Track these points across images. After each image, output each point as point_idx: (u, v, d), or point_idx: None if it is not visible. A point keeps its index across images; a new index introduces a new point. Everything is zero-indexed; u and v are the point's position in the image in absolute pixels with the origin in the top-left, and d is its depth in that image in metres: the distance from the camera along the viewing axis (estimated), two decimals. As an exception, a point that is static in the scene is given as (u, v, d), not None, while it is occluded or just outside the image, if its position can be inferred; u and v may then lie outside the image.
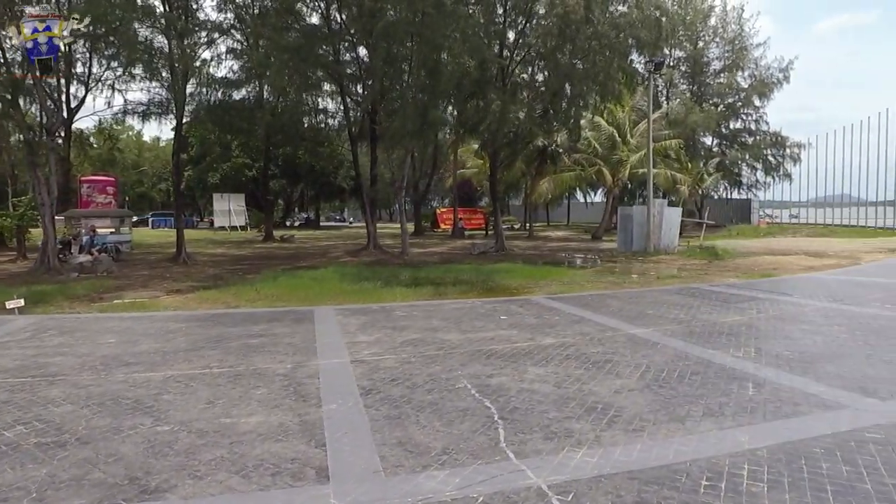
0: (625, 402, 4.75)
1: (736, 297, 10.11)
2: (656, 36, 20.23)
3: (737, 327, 7.52)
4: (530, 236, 33.48)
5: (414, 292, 11.62)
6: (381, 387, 5.25)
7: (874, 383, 5.12)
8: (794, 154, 41.41)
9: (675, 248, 20.97)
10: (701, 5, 41.80)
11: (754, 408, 4.55)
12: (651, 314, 8.59)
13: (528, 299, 10.29)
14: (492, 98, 19.51)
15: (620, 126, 30.16)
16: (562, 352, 6.40)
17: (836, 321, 7.85)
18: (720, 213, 44.02)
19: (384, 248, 23.09)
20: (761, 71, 41.16)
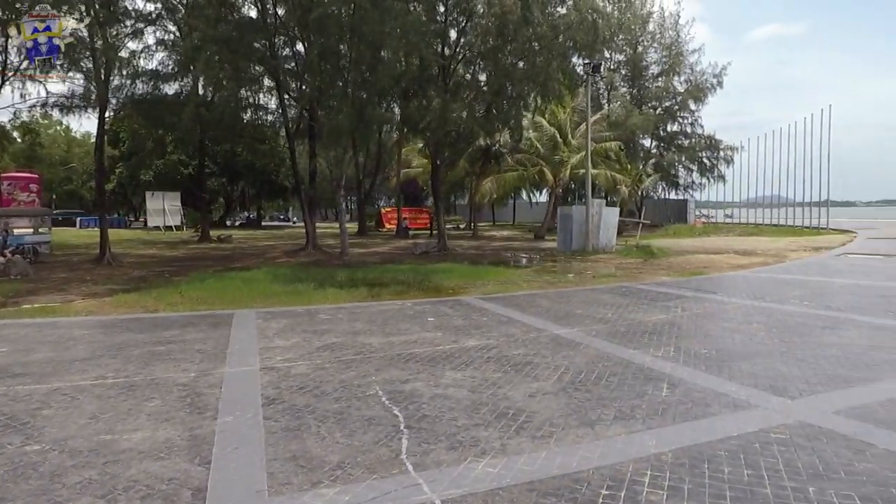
0: (538, 406, 4.60)
1: (664, 295, 10.23)
2: (593, 38, 20.46)
3: (660, 326, 7.54)
4: (474, 236, 33.50)
5: (347, 294, 11.28)
6: (287, 396, 4.94)
7: (785, 381, 5.15)
8: (727, 156, 42.94)
9: (613, 248, 21.31)
10: (640, 11, 42.89)
11: (665, 409, 4.48)
12: (579, 314, 8.55)
13: (460, 300, 10.12)
14: (432, 97, 19.31)
15: (562, 127, 30.53)
16: (483, 354, 6.23)
17: (755, 319, 7.99)
18: (658, 213, 45.23)
19: (324, 248, 22.60)
20: (696, 76, 42.53)
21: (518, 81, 20.78)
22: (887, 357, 5.85)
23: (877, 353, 6.02)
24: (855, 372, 5.38)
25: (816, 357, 5.90)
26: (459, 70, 23.11)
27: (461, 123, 21.65)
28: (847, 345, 6.38)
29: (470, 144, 27.38)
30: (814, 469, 3.45)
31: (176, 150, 36.92)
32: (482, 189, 30.49)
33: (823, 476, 3.36)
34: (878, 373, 5.35)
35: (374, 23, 16.31)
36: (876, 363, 5.65)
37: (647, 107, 42.34)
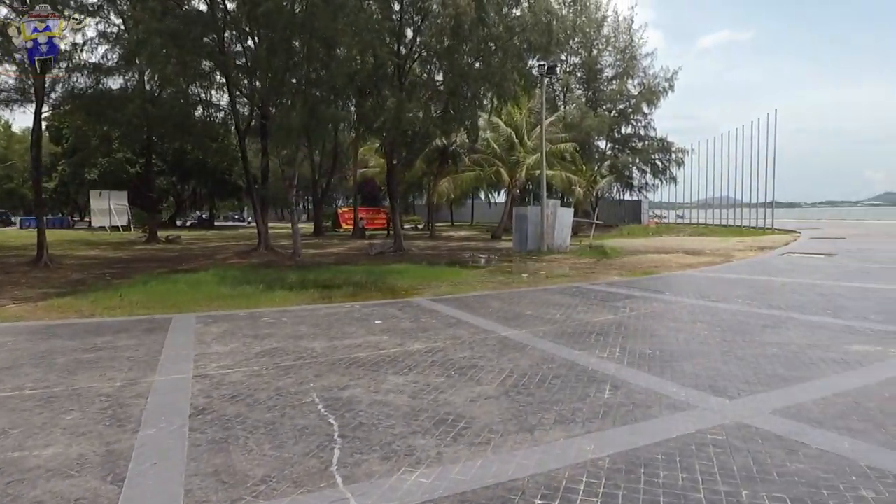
0: (478, 411, 4.49)
1: (613, 295, 10.30)
2: (547, 40, 20.60)
3: (607, 327, 7.55)
4: (432, 236, 33.40)
5: (297, 296, 11.01)
6: (217, 405, 4.70)
7: (725, 381, 5.18)
8: (678, 158, 43.99)
9: (568, 248, 21.50)
10: (595, 14, 43.55)
11: (606, 412, 4.43)
12: (529, 315, 8.51)
13: (410, 302, 9.96)
14: (387, 96, 19.10)
15: (518, 128, 30.70)
16: (428, 358, 6.10)
17: (700, 318, 8.09)
18: (613, 213, 46.05)
19: (277, 249, 22.12)
20: (649, 80, 43.43)
21: (474, 81, 20.76)
22: (823, 355, 5.97)
23: (813, 351, 6.13)
24: (792, 371, 5.46)
25: (756, 356, 5.98)
26: (416, 69, 22.97)
27: (417, 123, 21.49)
28: (786, 344, 6.49)
29: (426, 144, 27.25)
30: (747, 471, 3.43)
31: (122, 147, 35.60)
32: (439, 189, 30.40)
33: (757, 478, 3.34)
34: (814, 371, 5.44)
35: (327, 19, 16.01)
36: (812, 361, 5.75)
37: (601, 109, 43.01)
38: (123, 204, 37.97)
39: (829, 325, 7.45)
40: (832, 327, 7.29)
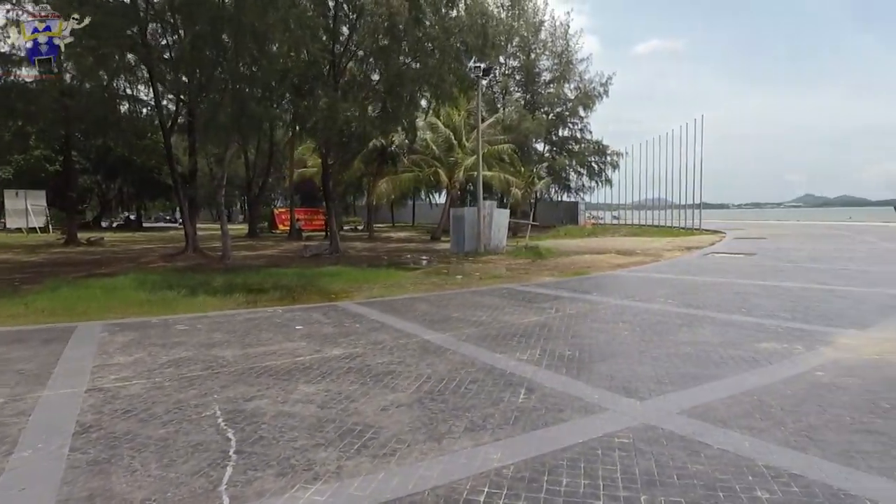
0: (388, 421, 4.33)
1: (542, 296, 10.35)
2: (483, 42, 20.69)
3: (531, 328, 7.54)
4: (371, 237, 33.03)
5: (220, 301, 10.55)
6: (106, 422, 4.36)
7: (638, 382, 5.22)
8: (613, 161, 45.26)
9: (504, 249, 21.64)
10: (532, 19, 44.23)
11: (518, 418, 4.36)
12: (455, 317, 8.41)
13: (336, 305, 9.71)
14: (320, 95, 18.67)
15: (457, 129, 30.74)
16: (345, 364, 5.89)
17: (622, 318, 8.21)
18: (551, 214, 46.87)
19: (206, 251, 21.30)
20: (585, 84, 44.50)
21: (411, 82, 20.60)
22: (734, 353, 6.12)
23: (725, 349, 6.29)
24: (704, 369, 5.56)
25: (671, 356, 6.07)
26: (353, 68, 22.62)
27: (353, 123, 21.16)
28: (700, 342, 6.64)
29: (364, 145, 26.88)
30: (649, 475, 3.41)
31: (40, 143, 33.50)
32: (378, 190, 30.06)
33: (657, 482, 3.32)
34: (724, 370, 5.56)
35: (256, 14, 15.49)
36: (724, 360, 5.89)
37: (540, 112, 43.72)
38: (41, 204, 35.74)
39: (741, 323, 7.69)
40: (745, 325, 7.52)
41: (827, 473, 3.39)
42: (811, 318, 7.91)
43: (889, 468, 3.46)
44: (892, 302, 9.05)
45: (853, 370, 5.45)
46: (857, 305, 8.81)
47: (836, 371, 5.42)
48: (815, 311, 8.41)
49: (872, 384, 5.03)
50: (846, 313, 8.23)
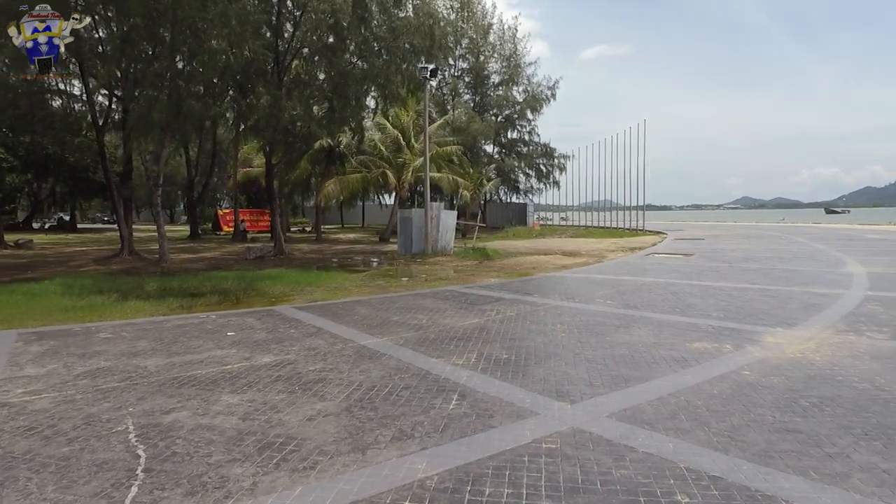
0: (312, 432, 4.16)
1: (484, 298, 10.33)
2: (430, 43, 20.59)
3: (470, 331, 7.48)
4: (318, 239, 32.50)
5: (152, 306, 10.10)
6: (5, 441, 4.03)
7: (571, 385, 5.21)
8: (560, 164, 46.04)
9: (452, 250, 21.63)
10: (481, 22, 44.53)
11: (447, 425, 4.27)
12: (395, 321, 8.27)
13: (274, 310, 9.41)
14: (261, 92, 18.18)
15: (406, 130, 30.58)
16: (274, 372, 5.68)
17: (561, 319, 8.25)
18: (500, 215, 47.29)
19: (143, 254, 20.48)
20: (533, 87, 45.14)
21: (355, 82, 20.33)
22: (666, 353, 6.21)
23: (658, 350, 6.38)
24: (635, 371, 5.61)
25: (605, 357, 6.11)
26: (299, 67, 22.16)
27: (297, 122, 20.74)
28: (635, 343, 6.72)
29: (310, 144, 26.40)
30: (573, 482, 3.37)
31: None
32: (325, 190, 29.55)
33: (580, 489, 3.28)
34: (655, 371, 5.62)
35: (194, 8, 14.94)
36: (655, 360, 5.96)
37: (489, 114, 44.06)
38: (-36, 204, 33.61)
39: (675, 323, 7.84)
40: (678, 325, 7.67)
41: (746, 475, 3.43)
42: (741, 318, 8.14)
43: (805, 467, 3.52)
44: (817, 300, 9.42)
45: (777, 369, 5.60)
46: (784, 304, 9.13)
47: (762, 370, 5.56)
48: (746, 311, 8.66)
49: (795, 382, 5.17)
50: (774, 312, 8.51)
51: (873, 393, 4.85)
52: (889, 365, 5.67)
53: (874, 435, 3.98)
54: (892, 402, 4.64)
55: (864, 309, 8.62)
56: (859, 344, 6.52)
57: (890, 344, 6.51)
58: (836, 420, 4.27)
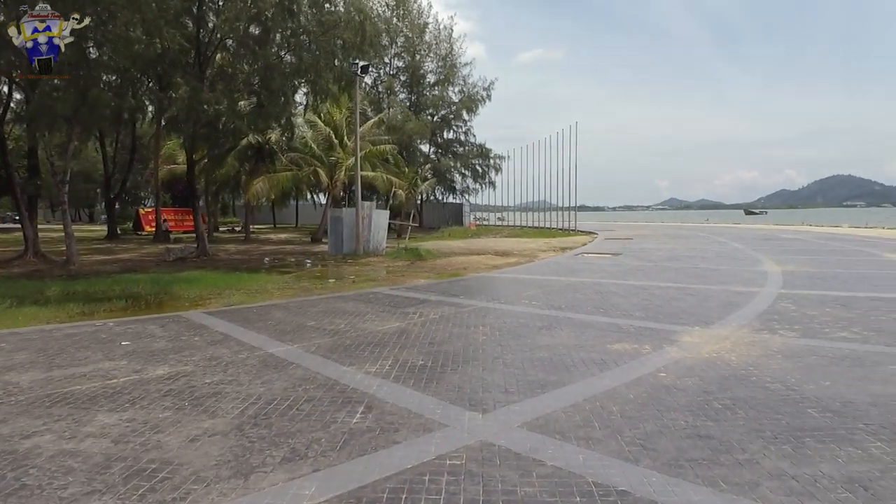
0: (192, 455, 3.72)
1: (409, 300, 10.01)
2: (361, 39, 20.10)
3: (389, 336, 7.15)
4: (247, 239, 31.33)
5: (50, 312, 9.26)
6: None
7: (486, 392, 4.96)
8: (496, 164, 46.34)
9: (384, 250, 21.21)
10: (417, 20, 44.22)
11: (347, 442, 3.92)
12: (310, 326, 7.83)
13: (181, 316, 8.76)
14: (178, 83, 17.20)
15: (338, 128, 29.86)
16: (165, 386, 5.16)
17: (485, 321, 8.03)
18: (437, 215, 47.17)
19: (50, 255, 19.01)
20: (469, 88, 45.22)
21: (284, 76, 19.62)
22: (586, 356, 6.08)
23: (578, 352, 6.24)
24: (553, 375, 5.43)
25: (524, 361, 5.91)
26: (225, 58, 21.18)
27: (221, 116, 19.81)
28: (556, 345, 6.56)
29: (236, 141, 25.37)
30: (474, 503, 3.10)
31: None
32: (254, 189, 28.44)
33: (480, 512, 3.02)
34: (573, 375, 5.46)
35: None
36: (575, 364, 5.81)
37: (425, 114, 43.81)
38: None
39: (598, 323, 7.77)
40: (600, 326, 7.60)
41: (655, 487, 3.25)
42: (662, 317, 8.17)
43: (715, 477, 3.39)
44: (734, 299, 9.62)
45: (693, 369, 5.55)
46: (703, 303, 9.27)
47: (678, 371, 5.50)
48: (666, 310, 8.72)
49: (709, 384, 5.12)
50: (693, 311, 8.60)
51: (784, 393, 4.84)
52: (800, 364, 5.73)
53: (784, 438, 3.91)
54: (801, 402, 4.63)
55: (777, 307, 8.84)
56: (772, 342, 6.61)
57: (801, 342, 6.62)
58: (747, 423, 4.20)
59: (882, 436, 3.94)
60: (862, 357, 5.94)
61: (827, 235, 28.34)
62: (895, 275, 12.84)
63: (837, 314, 8.22)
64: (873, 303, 9.14)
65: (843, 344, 6.49)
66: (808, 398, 4.71)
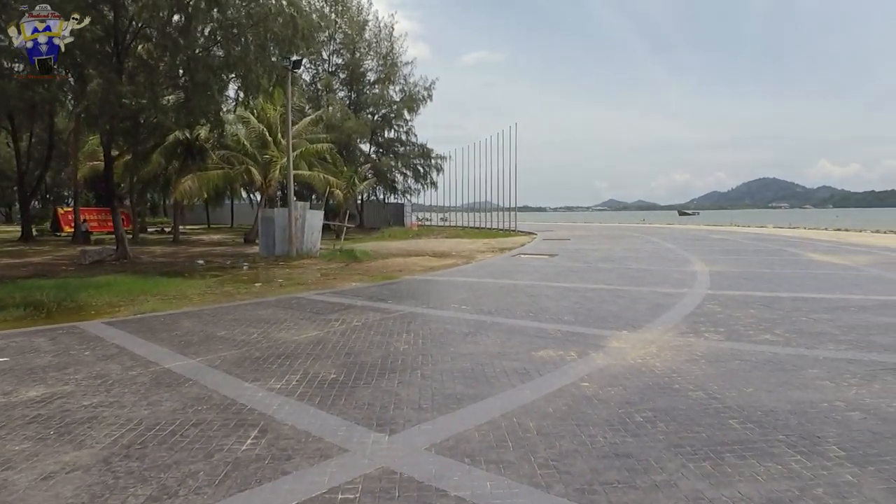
0: (40, 498, 3.18)
1: (334, 306, 9.53)
2: (292, 33, 19.35)
3: (304, 346, 6.67)
4: (175, 240, 29.87)
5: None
6: None
7: (397, 409, 4.59)
8: (437, 164, 46.08)
9: (318, 252, 20.53)
10: (357, 17, 43.44)
11: (228, 474, 3.46)
12: (220, 337, 7.25)
13: (77, 327, 7.99)
14: (91, 74, 16.05)
15: (272, 125, 28.84)
16: (33, 411, 4.54)
17: (410, 328, 7.66)
18: (378, 215, 46.52)
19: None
20: (410, 87, 44.74)
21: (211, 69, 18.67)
22: (509, 365, 5.80)
23: (501, 361, 5.95)
24: (472, 388, 5.11)
25: (444, 373, 5.57)
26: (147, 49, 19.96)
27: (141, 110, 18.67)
28: (479, 354, 6.26)
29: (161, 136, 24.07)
30: (359, 549, 2.72)
31: None
32: (181, 187, 27.04)
33: (365, 559, 2.63)
34: (493, 387, 5.16)
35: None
36: (496, 374, 5.51)
37: (365, 112, 43.08)
38: None
39: (526, 329, 7.52)
40: (528, 331, 7.35)
41: (564, 518, 2.96)
42: (591, 321, 8.01)
43: (629, 503, 3.12)
44: (663, 300, 9.61)
45: (617, 378, 5.35)
46: (632, 305, 9.20)
47: (601, 380, 5.28)
48: (596, 313, 8.59)
49: (632, 394, 4.91)
50: (622, 314, 8.49)
51: (706, 402, 4.68)
52: (723, 369, 5.62)
53: (703, 454, 3.71)
54: (723, 412, 4.47)
55: (704, 308, 8.86)
56: (698, 346, 6.52)
57: (725, 345, 6.56)
58: (667, 437, 3.98)
59: (801, 448, 3.79)
60: (783, 360, 5.90)
61: (753, 236, 29.45)
62: (816, 274, 13.26)
63: (761, 315, 8.28)
64: (795, 303, 9.30)
65: (766, 347, 6.47)
66: (730, 407, 4.56)
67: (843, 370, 5.54)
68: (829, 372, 5.49)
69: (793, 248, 20.92)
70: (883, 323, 7.69)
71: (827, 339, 6.82)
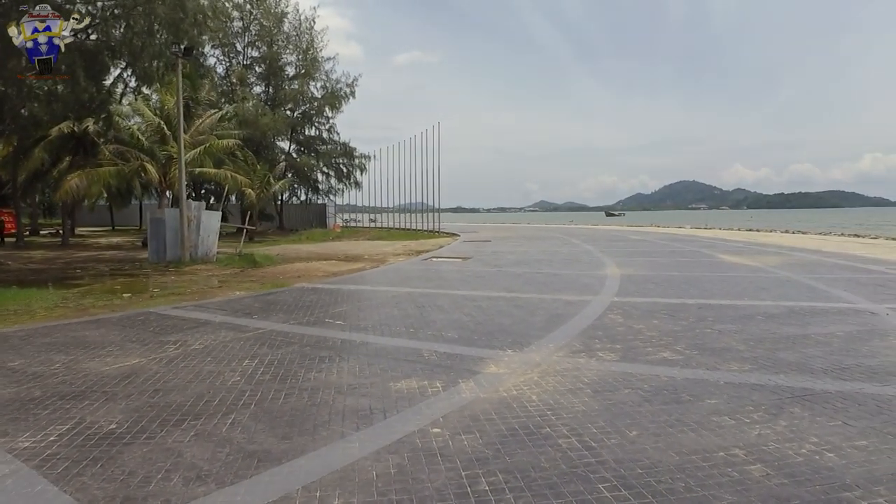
0: None
1: (186, 323, 8.13)
2: (181, 17, 17.60)
3: (109, 380, 5.31)
4: (64, 244, 27.17)
5: None
6: None
7: (165, 480, 3.37)
8: (361, 164, 44.55)
9: (215, 257, 18.82)
10: (275, 9, 41.42)
11: None
12: (9, 367, 5.76)
13: None
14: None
15: (171, 118, 26.62)
16: None
17: (258, 352, 6.40)
18: (300, 217, 44.58)
19: None
20: (332, 83, 43.05)
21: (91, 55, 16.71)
22: (352, 403, 4.69)
23: (345, 397, 4.84)
24: (289, 439, 3.96)
25: (263, 416, 4.39)
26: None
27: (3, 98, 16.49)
28: (325, 387, 5.12)
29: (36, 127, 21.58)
30: None
31: None
32: (67, 185, 24.42)
33: None
34: (316, 438, 4.02)
35: None
36: (330, 417, 4.39)
37: (283, 109, 41.08)
38: None
39: (398, 350, 6.44)
40: (398, 353, 6.27)
41: None
42: (476, 338, 7.02)
43: None
44: (564, 310, 8.78)
45: (477, 420, 4.32)
46: (528, 317, 8.29)
47: (457, 424, 4.24)
48: (485, 327, 7.61)
49: (488, 444, 3.89)
50: (513, 328, 7.55)
51: (576, 456, 3.71)
52: (608, 402, 4.71)
53: (550, 546, 2.71)
54: (595, 471, 3.50)
55: (604, 320, 8.06)
56: (586, 370, 5.62)
57: (617, 368, 5.70)
58: (512, 515, 2.97)
59: (680, 527, 2.87)
60: (679, 388, 5.07)
61: (670, 236, 29.71)
62: (725, 277, 12.90)
63: (664, 327, 7.55)
64: (701, 311, 8.68)
65: (663, 369, 5.64)
66: (605, 462, 3.61)
67: (745, 400, 4.75)
68: (729, 403, 4.67)
69: (707, 248, 20.92)
70: (789, 335, 7.09)
71: (731, 356, 6.09)
